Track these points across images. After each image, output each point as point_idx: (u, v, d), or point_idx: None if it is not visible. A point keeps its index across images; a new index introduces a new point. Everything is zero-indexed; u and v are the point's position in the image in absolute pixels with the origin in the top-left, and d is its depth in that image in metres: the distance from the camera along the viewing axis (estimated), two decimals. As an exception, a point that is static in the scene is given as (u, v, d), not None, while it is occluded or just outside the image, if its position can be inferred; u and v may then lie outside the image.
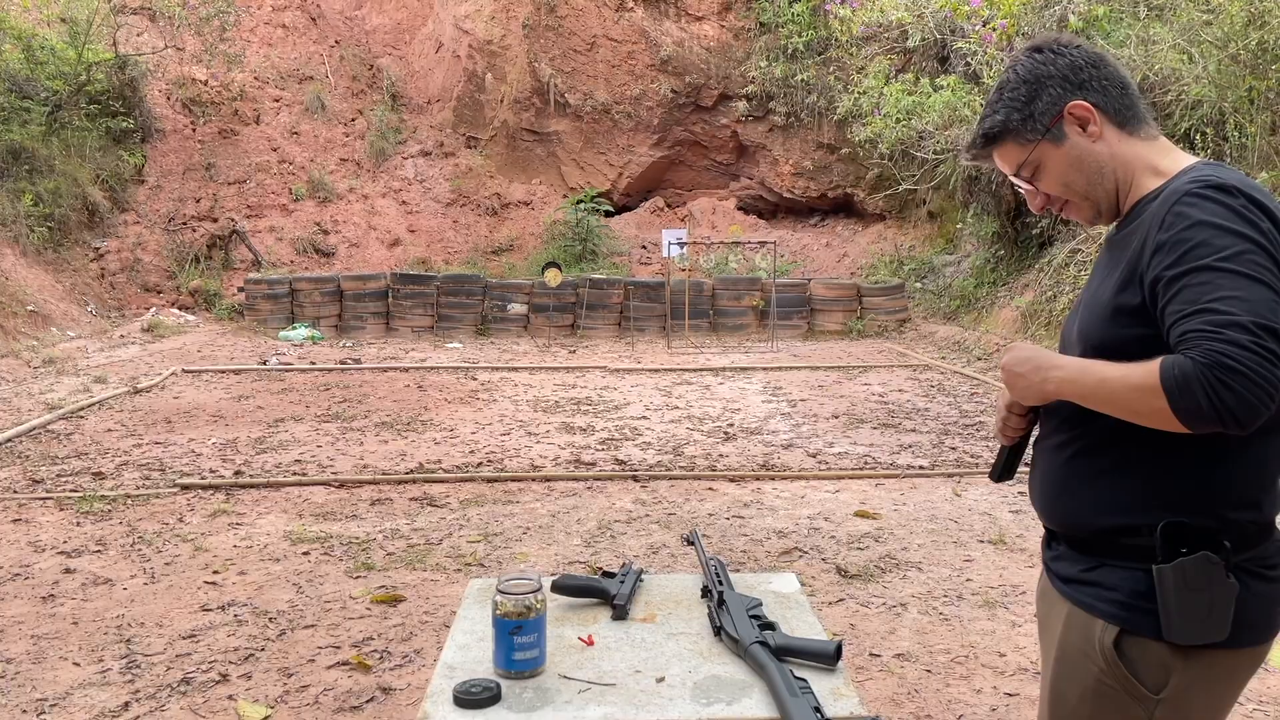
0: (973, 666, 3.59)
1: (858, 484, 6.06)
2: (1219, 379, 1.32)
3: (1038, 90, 1.63)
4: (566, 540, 5.02)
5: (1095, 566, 1.56)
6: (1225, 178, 1.47)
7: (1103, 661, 1.51)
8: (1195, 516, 1.46)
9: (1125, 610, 1.50)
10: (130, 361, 10.58)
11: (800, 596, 2.01)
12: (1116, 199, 1.64)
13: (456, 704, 1.55)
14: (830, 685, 1.61)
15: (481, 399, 8.87)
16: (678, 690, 1.59)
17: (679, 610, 1.94)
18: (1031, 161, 1.66)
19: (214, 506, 5.52)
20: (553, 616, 1.86)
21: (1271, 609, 1.51)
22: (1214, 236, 1.41)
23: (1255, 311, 1.34)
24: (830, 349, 12.37)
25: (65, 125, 15.39)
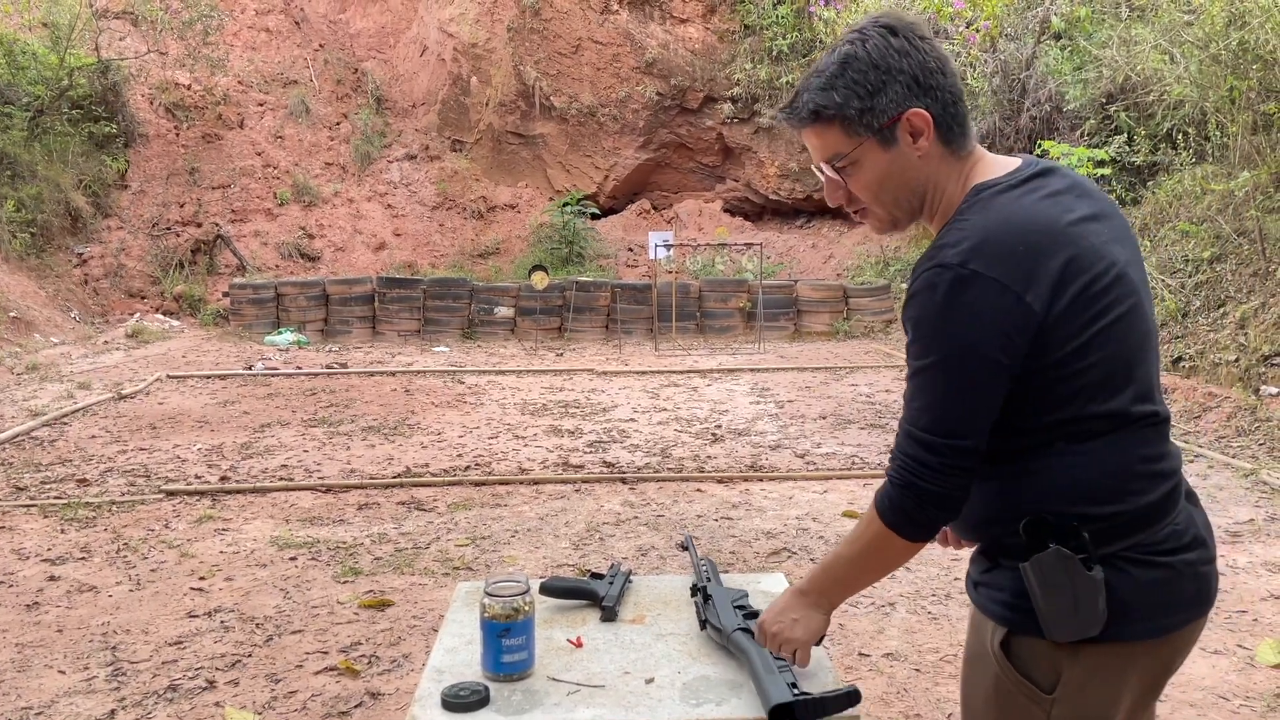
0: (960, 666, 3.59)
1: (845, 484, 6.07)
2: (910, 502, 1.46)
3: (885, 82, 1.51)
4: (555, 543, 5.01)
5: (991, 568, 1.56)
6: (955, 255, 1.42)
7: (996, 663, 1.50)
8: (1052, 512, 1.44)
9: (1010, 610, 1.48)
10: (114, 368, 10.52)
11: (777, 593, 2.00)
12: (918, 215, 1.59)
13: (444, 707, 1.54)
14: (818, 684, 1.61)
15: (468, 402, 8.85)
16: (667, 691, 1.59)
17: (668, 611, 1.93)
18: (852, 157, 1.55)
19: (200, 512, 5.50)
20: (541, 619, 1.86)
21: (1169, 595, 1.47)
22: (927, 336, 1.45)
23: (940, 427, 1.43)
24: (817, 350, 12.40)
25: (47, 131, 15.32)
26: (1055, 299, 1.41)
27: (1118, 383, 1.46)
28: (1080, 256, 1.44)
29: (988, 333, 1.40)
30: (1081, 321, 1.43)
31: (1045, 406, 1.44)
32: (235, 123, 17.98)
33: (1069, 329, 1.42)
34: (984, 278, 1.40)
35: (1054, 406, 1.45)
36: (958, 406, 1.43)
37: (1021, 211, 1.45)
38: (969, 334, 1.40)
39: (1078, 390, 1.44)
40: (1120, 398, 1.45)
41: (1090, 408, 1.45)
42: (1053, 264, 1.41)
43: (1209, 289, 9.13)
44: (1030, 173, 1.51)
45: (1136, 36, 10.95)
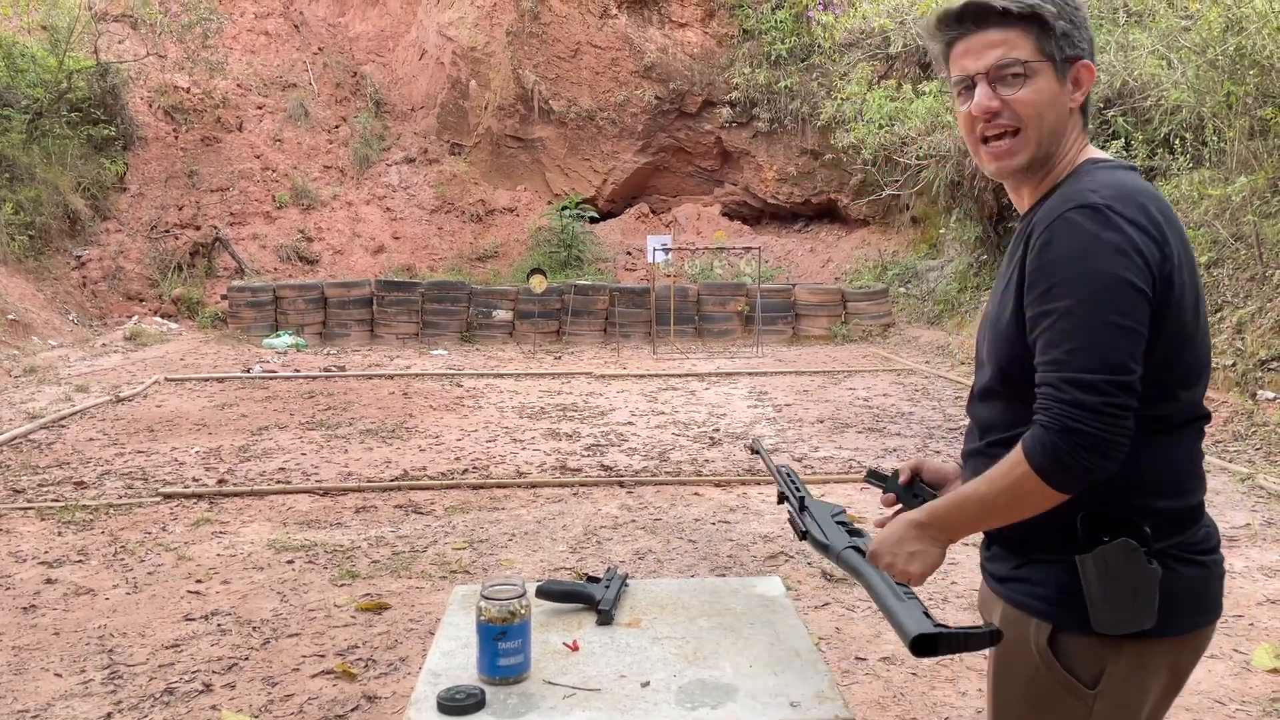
0: (958, 669, 3.60)
1: (842, 488, 6.07)
2: (1075, 447, 1.37)
3: (1083, 25, 1.55)
4: (552, 547, 5.01)
5: (1024, 563, 1.54)
6: (1097, 198, 1.43)
7: (1039, 659, 1.50)
8: (1113, 505, 1.44)
9: (1054, 606, 1.48)
10: (112, 370, 10.52)
11: (784, 600, 2.01)
12: (1048, 163, 1.57)
13: (440, 710, 1.55)
14: (815, 688, 1.61)
15: (466, 406, 8.85)
16: (663, 695, 1.59)
17: (664, 615, 1.94)
18: (1033, 69, 1.52)
19: (197, 515, 5.49)
20: (538, 622, 1.86)
21: (1203, 593, 1.51)
22: (1078, 273, 1.40)
23: (1105, 363, 1.37)
24: (815, 354, 12.40)
25: (46, 133, 15.31)
26: (1170, 277, 1.43)
27: (1198, 376, 1.49)
28: (1184, 251, 1.47)
29: (1135, 265, 1.39)
30: (1189, 307, 1.46)
31: (1148, 394, 1.43)
32: (234, 126, 17.99)
33: (1174, 314, 1.44)
34: (1125, 218, 1.41)
35: (1156, 395, 1.44)
36: (1115, 339, 1.38)
37: (1147, 186, 1.49)
38: (1117, 266, 1.39)
39: (1177, 379, 1.46)
40: (1196, 391, 1.49)
41: (1180, 398, 1.48)
42: (1174, 240, 1.44)
43: (1206, 293, 9.10)
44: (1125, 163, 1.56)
45: (1134, 41, 10.97)
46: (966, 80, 1.56)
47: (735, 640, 1.80)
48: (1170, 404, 1.47)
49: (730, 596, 2.02)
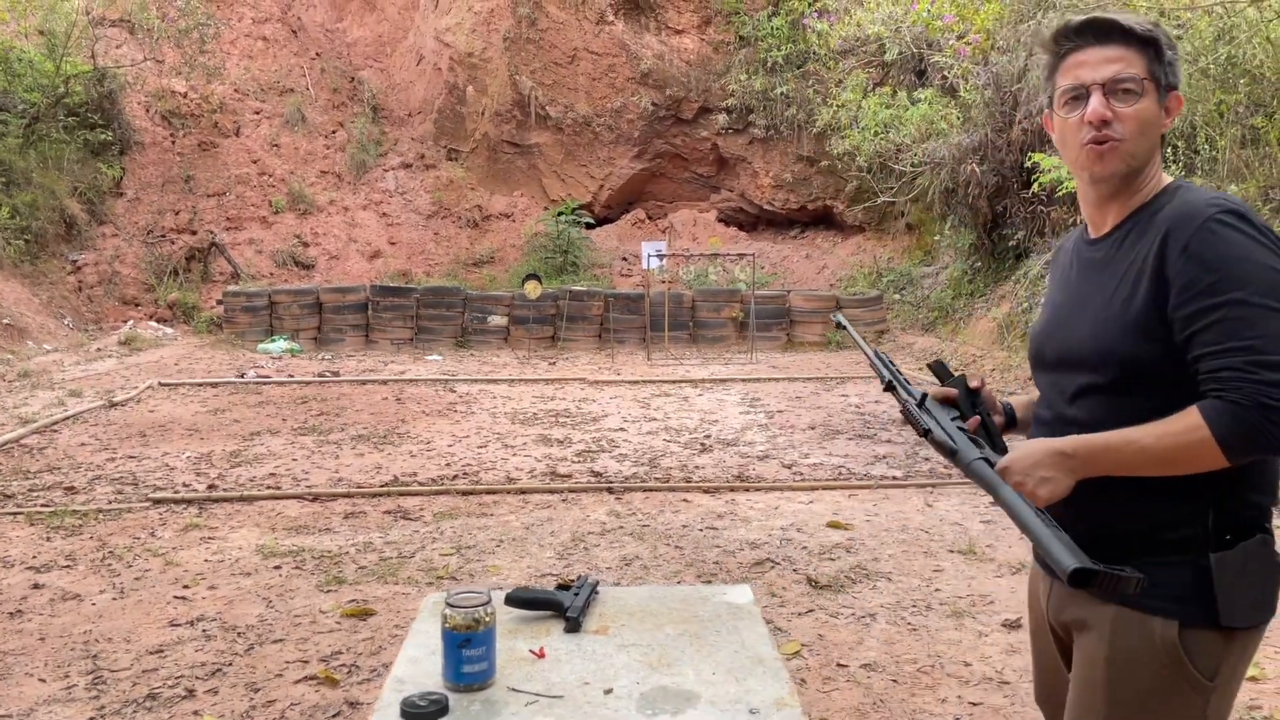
0: (938, 676, 3.62)
1: (831, 495, 6.08)
2: (1269, 420, 1.42)
3: (1178, 58, 1.67)
4: (539, 553, 5.03)
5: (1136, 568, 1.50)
6: (1234, 205, 1.53)
7: (1166, 658, 1.52)
8: (1234, 505, 1.52)
9: (1182, 604, 1.52)
10: (106, 375, 10.53)
11: (752, 608, 2.02)
12: (1133, 179, 1.64)
13: (403, 717, 1.56)
14: (775, 695, 1.63)
15: (459, 411, 8.87)
16: (624, 702, 1.61)
17: (632, 622, 1.95)
18: (1144, 85, 1.61)
19: (186, 521, 5.51)
20: (506, 629, 1.88)
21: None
22: (1246, 269, 1.47)
23: None
24: (809, 360, 12.42)
25: (43, 138, 15.34)
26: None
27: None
28: None
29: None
30: None
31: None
32: (231, 131, 18.02)
33: None
34: (1261, 224, 1.52)
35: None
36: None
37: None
38: (1276, 262, 1.49)
39: None
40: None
41: None
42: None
43: (1198, 301, 9.15)
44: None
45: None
46: (1079, 90, 1.63)
47: (700, 647, 1.82)
48: None
49: (700, 604, 2.04)
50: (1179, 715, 1.53)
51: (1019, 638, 3.94)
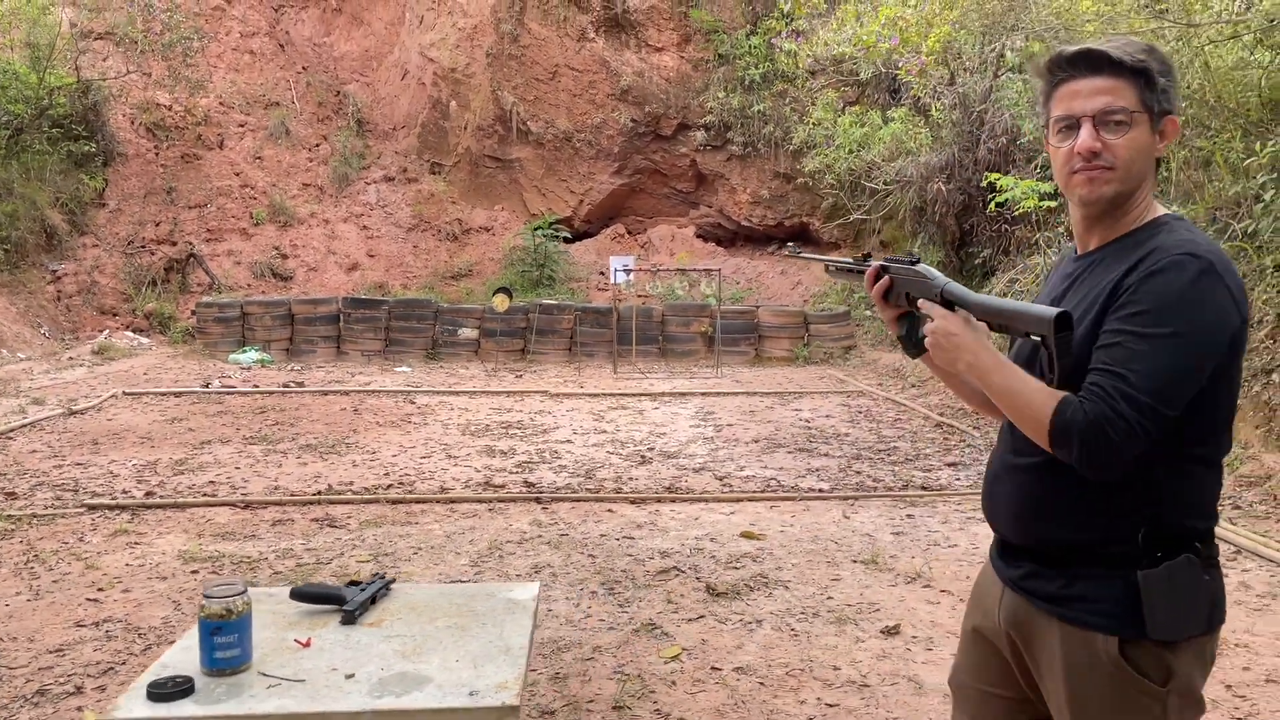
0: (804, 679, 3.74)
1: (754, 506, 6.21)
2: (1093, 440, 1.54)
3: (1175, 83, 1.71)
4: (455, 560, 5.16)
5: (1072, 580, 1.68)
6: (1211, 256, 1.59)
7: (1115, 671, 1.62)
8: (1169, 527, 1.62)
9: (1116, 620, 1.62)
10: (74, 384, 10.68)
11: (530, 603, 2.16)
12: (1124, 202, 1.72)
13: (149, 698, 1.69)
14: (499, 680, 1.76)
15: (413, 422, 9.00)
16: (360, 685, 1.74)
17: (409, 616, 2.09)
18: (1133, 119, 1.67)
19: (116, 526, 5.64)
20: (287, 621, 2.01)
21: (1223, 591, 1.70)
22: (1173, 312, 1.56)
23: (1156, 392, 1.54)
24: (774, 375, 12.55)
25: (26, 149, 15.53)
26: (1242, 333, 1.62)
27: (1231, 422, 1.69)
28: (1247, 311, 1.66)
29: (1219, 328, 1.58)
30: (1240, 361, 1.66)
31: (1212, 425, 1.64)
32: (215, 143, 18.21)
33: (1239, 364, 1.66)
34: (1225, 283, 1.58)
35: (1213, 434, 1.65)
36: (1177, 379, 1.54)
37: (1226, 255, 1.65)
38: (1206, 319, 1.56)
39: (1225, 420, 1.67)
40: (1230, 433, 1.69)
41: (1224, 437, 1.68)
42: (1246, 305, 1.63)
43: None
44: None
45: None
46: (1071, 120, 1.70)
47: (459, 638, 1.95)
48: (1221, 442, 1.68)
49: (483, 600, 2.17)
50: (1142, 716, 1.63)
51: (892, 644, 4.06)
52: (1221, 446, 1.68)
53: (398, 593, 2.23)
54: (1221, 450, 1.69)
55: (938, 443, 8.21)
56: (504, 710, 1.66)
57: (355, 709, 1.66)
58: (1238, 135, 8.38)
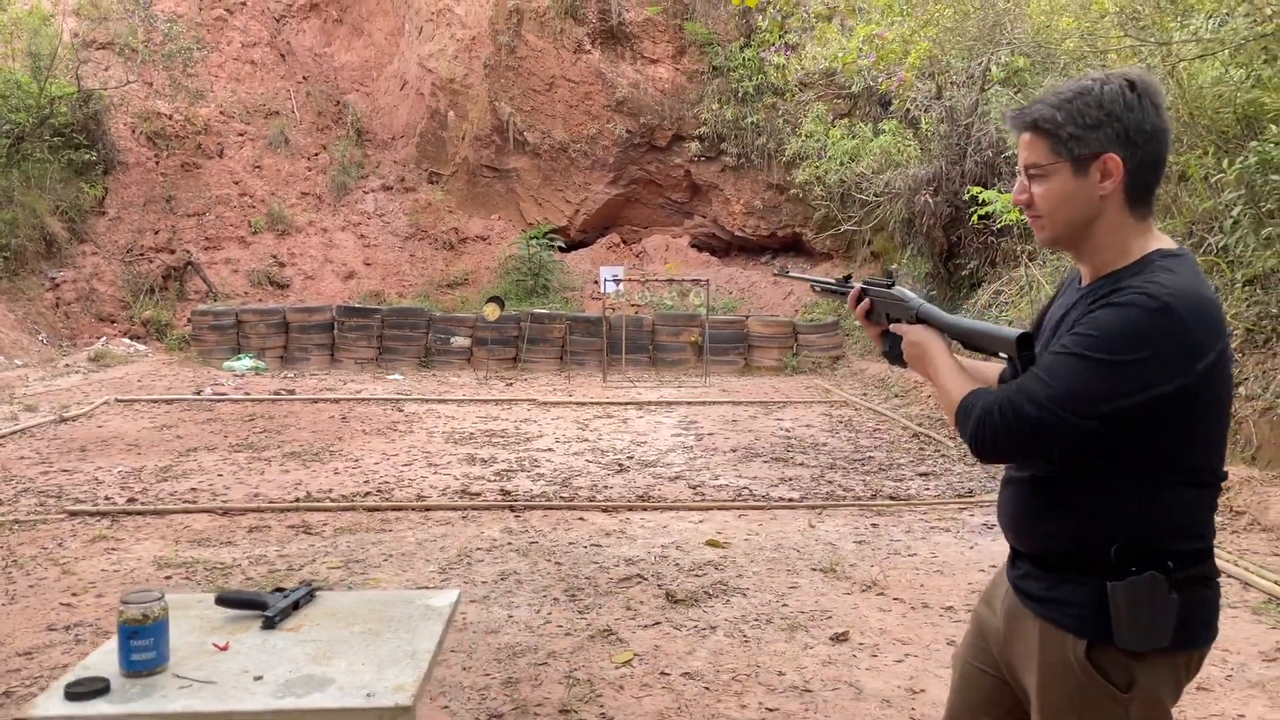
0: (749, 684, 3.85)
1: (722, 515, 6.32)
2: (980, 426, 1.72)
3: (1101, 122, 1.74)
4: (424, 567, 5.27)
5: (1056, 584, 1.79)
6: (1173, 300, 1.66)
7: (1081, 671, 1.72)
8: (1144, 542, 1.70)
9: (1087, 624, 1.72)
10: (68, 390, 10.83)
11: (445, 609, 2.27)
12: (1078, 245, 1.82)
13: (66, 697, 1.81)
14: (398, 682, 1.88)
15: (399, 430, 9.13)
16: (266, 687, 1.86)
17: (327, 622, 2.20)
18: (1047, 171, 1.79)
19: (96, 532, 5.77)
20: (211, 626, 2.13)
21: (1211, 614, 1.77)
22: (1113, 338, 1.66)
23: (1071, 406, 1.66)
24: (761, 384, 12.67)
25: (27, 157, 15.71)
26: (1210, 371, 1.69)
27: (1221, 447, 1.78)
28: (1228, 345, 1.75)
29: (1148, 368, 1.65)
30: (1217, 394, 1.73)
31: (1166, 448, 1.71)
32: (215, 152, 18.39)
33: (1209, 397, 1.71)
34: (1182, 324, 1.65)
35: (1186, 454, 1.73)
36: (1091, 396, 1.65)
37: (1207, 292, 1.72)
38: (1134, 356, 1.65)
39: (1207, 447, 1.75)
40: (1218, 458, 1.77)
41: (1208, 462, 1.76)
42: (1217, 345, 1.70)
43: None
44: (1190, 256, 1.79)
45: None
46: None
47: (370, 643, 2.07)
48: (1196, 471, 1.74)
49: (401, 606, 2.29)
50: (1102, 718, 1.73)
51: (839, 650, 4.17)
52: (1197, 475, 1.75)
53: (321, 600, 2.35)
54: (1200, 479, 1.76)
55: (913, 453, 8.32)
56: (397, 710, 1.78)
57: (258, 709, 1.77)
58: (1211, 151, 8.47)
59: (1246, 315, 7.89)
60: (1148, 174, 1.78)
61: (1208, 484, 1.77)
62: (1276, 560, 5.32)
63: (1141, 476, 1.72)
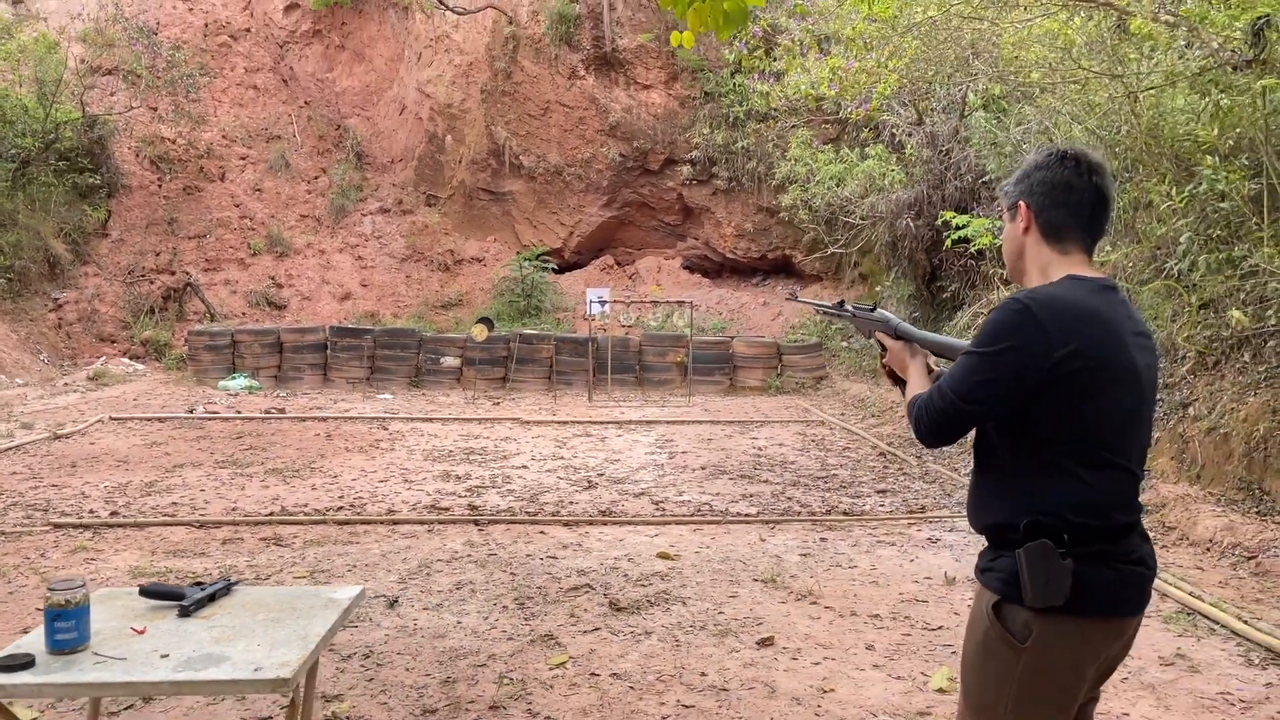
0: (671, 684, 4.10)
1: (678, 529, 6.58)
2: (918, 418, 2.24)
3: (1026, 179, 2.27)
4: (385, 577, 5.54)
5: (995, 556, 2.16)
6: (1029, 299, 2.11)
7: (989, 621, 2.11)
8: (1046, 517, 2.05)
9: (1003, 584, 2.09)
10: (64, 409, 11.15)
11: (344, 601, 2.55)
12: (1018, 277, 2.32)
13: (-5, 668, 2.09)
14: (284, 659, 2.15)
15: (381, 448, 9.41)
16: (168, 663, 2.14)
17: (239, 612, 2.48)
18: (1003, 218, 2.35)
19: (77, 544, 6.05)
20: (135, 614, 2.41)
21: (1119, 591, 2.09)
22: (983, 334, 2.13)
23: (960, 393, 2.14)
24: (744, 404, 12.93)
25: (32, 180, 16.13)
26: (1070, 361, 2.05)
27: (1111, 438, 2.11)
28: (1098, 347, 2.09)
29: (1013, 356, 2.07)
30: (1085, 384, 2.07)
31: (1057, 435, 2.08)
32: (216, 175, 18.81)
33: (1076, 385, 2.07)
34: (1035, 318, 2.07)
35: (1063, 438, 2.08)
36: (974, 385, 2.12)
37: (1083, 298, 2.13)
38: (999, 347, 2.09)
39: (1086, 433, 2.08)
40: (1109, 448, 2.10)
41: (1093, 448, 2.09)
42: (1075, 341, 2.07)
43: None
44: (1106, 284, 2.20)
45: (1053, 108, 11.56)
46: None
47: (270, 628, 2.34)
48: (1089, 450, 2.08)
49: (308, 599, 2.56)
50: (999, 663, 2.11)
51: (763, 654, 4.42)
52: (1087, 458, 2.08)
53: (237, 593, 2.62)
54: (1091, 461, 2.08)
55: (876, 470, 8.57)
56: (277, 682, 2.05)
57: (158, 679, 2.05)
58: (1167, 179, 8.74)
59: (1199, 338, 8.13)
60: (1051, 213, 2.23)
61: (1101, 466, 2.09)
62: (1198, 573, 5.56)
63: (1040, 460, 2.10)
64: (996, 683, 2.12)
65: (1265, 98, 6.73)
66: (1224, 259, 7.85)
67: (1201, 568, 5.67)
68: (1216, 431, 7.19)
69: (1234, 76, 7.43)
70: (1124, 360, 2.13)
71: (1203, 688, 4.08)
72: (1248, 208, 7.37)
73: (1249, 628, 4.60)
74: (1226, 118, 7.53)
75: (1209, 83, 7.93)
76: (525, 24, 18.61)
